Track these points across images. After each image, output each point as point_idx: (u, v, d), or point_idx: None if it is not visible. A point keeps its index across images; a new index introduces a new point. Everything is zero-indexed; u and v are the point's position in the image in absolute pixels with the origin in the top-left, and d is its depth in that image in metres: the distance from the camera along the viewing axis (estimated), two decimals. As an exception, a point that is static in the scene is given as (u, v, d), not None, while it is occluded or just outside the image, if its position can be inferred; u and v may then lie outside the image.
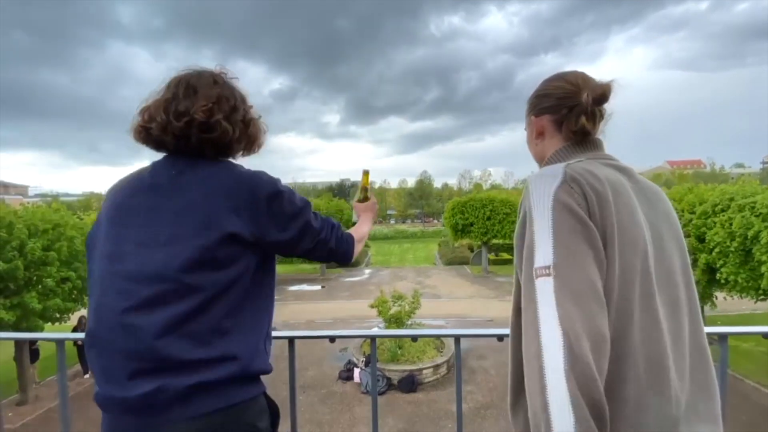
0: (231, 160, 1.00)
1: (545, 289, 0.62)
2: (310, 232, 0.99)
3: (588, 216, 0.66)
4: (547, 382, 0.58)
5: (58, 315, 10.62)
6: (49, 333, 1.45)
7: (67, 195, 73.10)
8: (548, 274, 0.62)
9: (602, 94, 0.82)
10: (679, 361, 0.72)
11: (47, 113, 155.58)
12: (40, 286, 10.19)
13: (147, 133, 0.93)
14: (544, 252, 0.64)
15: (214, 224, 0.85)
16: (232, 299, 0.87)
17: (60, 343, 1.33)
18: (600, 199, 0.67)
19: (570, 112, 0.83)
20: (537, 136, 0.90)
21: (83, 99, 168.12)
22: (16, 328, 9.44)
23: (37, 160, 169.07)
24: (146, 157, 0.97)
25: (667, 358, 0.70)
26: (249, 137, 1.00)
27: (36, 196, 69.62)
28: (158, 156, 0.97)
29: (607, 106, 0.87)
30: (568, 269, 0.62)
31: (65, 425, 1.35)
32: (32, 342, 10.51)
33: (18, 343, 10.10)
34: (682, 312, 0.75)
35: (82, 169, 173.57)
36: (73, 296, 11.04)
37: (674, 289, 0.75)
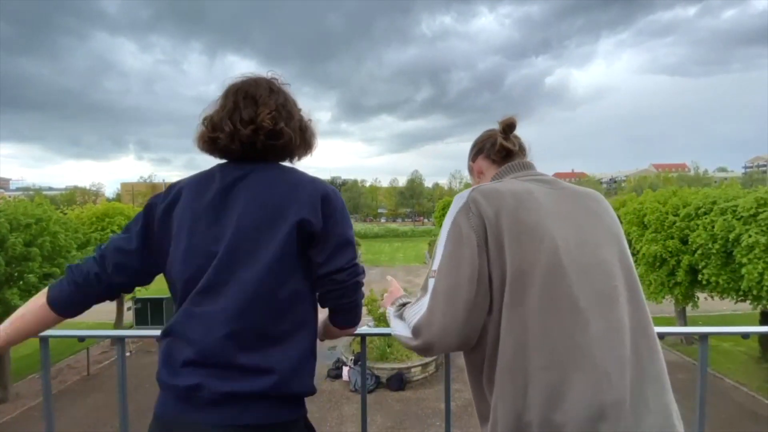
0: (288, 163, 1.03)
1: (430, 285, 0.84)
2: (347, 249, 0.94)
3: (483, 230, 0.80)
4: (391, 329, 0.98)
5: (40, 312, 10.39)
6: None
7: (51, 189, 71.48)
8: (434, 276, 0.84)
9: (510, 123, 1.04)
10: (616, 349, 0.73)
11: (27, 104, 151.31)
12: (21, 282, 9.96)
13: (213, 143, 0.95)
14: (437, 259, 0.85)
15: (282, 217, 0.88)
16: (279, 302, 0.87)
17: (44, 340, 1.31)
18: (497, 212, 0.81)
19: (492, 145, 1.05)
20: (478, 176, 1.09)
21: (65, 90, 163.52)
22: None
23: (19, 153, 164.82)
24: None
25: (592, 346, 0.72)
26: (306, 142, 1.03)
27: (18, 189, 67.96)
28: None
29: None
30: (443, 276, 0.82)
31: (49, 423, 1.33)
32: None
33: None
34: (617, 302, 0.77)
35: (66, 163, 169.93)
36: (56, 292, 10.81)
37: (606, 281, 0.78)
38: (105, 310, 14.62)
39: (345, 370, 11.09)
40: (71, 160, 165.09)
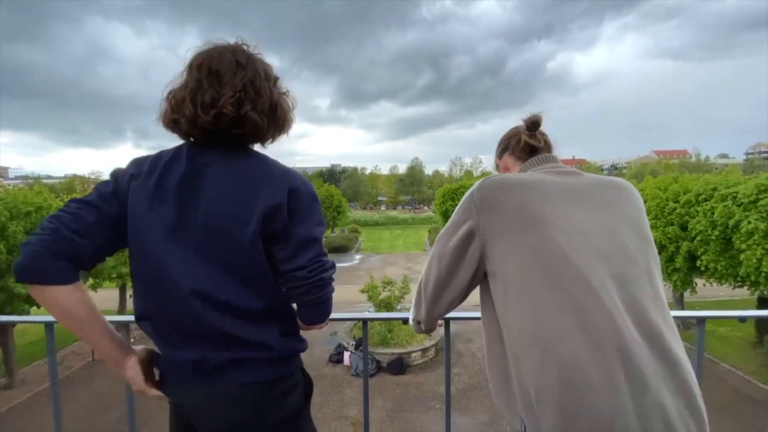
0: (259, 146, 0.97)
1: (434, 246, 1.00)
2: (311, 247, 0.91)
3: (484, 217, 0.86)
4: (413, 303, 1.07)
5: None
6: (38, 316, 1.42)
7: (49, 177, 71.14)
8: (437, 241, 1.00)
9: (534, 120, 1.04)
10: (632, 327, 0.74)
11: (23, 92, 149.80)
12: (24, 270, 9.99)
13: (176, 125, 0.89)
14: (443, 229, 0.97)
15: (252, 207, 0.85)
16: (272, 283, 0.90)
17: (49, 326, 1.32)
18: (501, 200, 0.86)
19: (517, 142, 1.07)
20: (504, 172, 1.10)
21: (61, 78, 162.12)
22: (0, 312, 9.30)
23: (16, 141, 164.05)
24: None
25: (608, 322, 0.73)
26: (277, 123, 0.95)
27: (17, 178, 67.73)
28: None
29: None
30: (439, 242, 0.96)
31: (56, 407, 1.36)
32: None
33: (2, 327, 9.97)
34: (632, 285, 0.79)
35: (64, 152, 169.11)
36: (59, 280, 10.86)
37: (620, 265, 0.80)
38: (108, 297, 14.76)
39: (346, 355, 11.24)
40: (69, 148, 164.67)
